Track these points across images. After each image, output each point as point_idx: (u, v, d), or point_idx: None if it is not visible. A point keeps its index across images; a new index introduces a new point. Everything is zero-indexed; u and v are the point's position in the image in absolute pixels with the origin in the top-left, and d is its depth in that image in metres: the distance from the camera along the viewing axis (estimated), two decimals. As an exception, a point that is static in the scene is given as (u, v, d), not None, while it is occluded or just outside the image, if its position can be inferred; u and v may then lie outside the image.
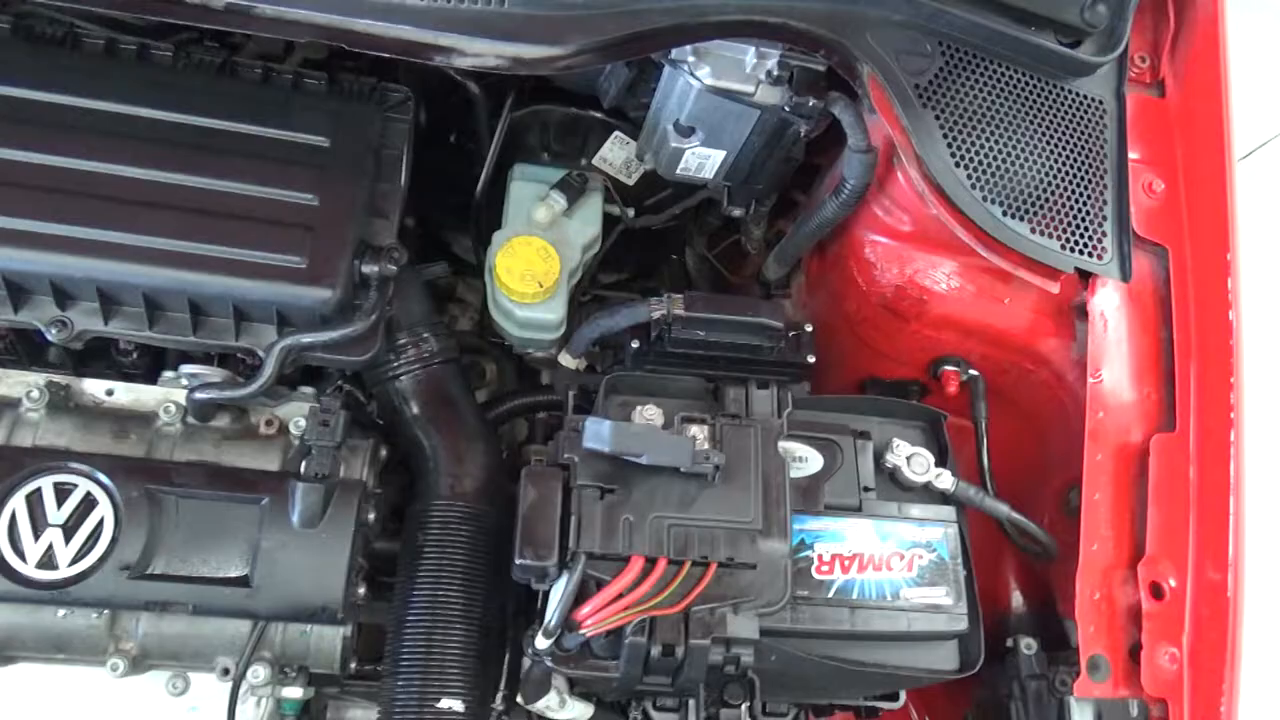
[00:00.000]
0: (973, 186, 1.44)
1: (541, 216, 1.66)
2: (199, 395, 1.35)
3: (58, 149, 1.30)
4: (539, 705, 1.46)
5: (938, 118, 1.44)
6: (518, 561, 1.25)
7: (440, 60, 1.31)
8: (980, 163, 1.44)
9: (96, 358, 1.51)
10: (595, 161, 1.80)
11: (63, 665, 1.36)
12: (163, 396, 1.45)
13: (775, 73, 1.45)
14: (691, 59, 1.45)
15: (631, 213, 1.81)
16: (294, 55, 1.60)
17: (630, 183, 1.84)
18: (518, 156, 1.77)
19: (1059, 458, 1.64)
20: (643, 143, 1.71)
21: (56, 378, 1.43)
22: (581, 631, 1.26)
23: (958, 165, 1.44)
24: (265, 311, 1.35)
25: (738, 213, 1.80)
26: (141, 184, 1.32)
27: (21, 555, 1.26)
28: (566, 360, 1.64)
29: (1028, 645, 1.51)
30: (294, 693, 1.43)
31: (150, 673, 1.40)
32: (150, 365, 1.51)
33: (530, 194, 1.71)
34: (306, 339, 1.34)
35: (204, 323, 1.36)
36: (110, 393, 1.46)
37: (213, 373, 1.40)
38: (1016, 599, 1.76)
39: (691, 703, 1.53)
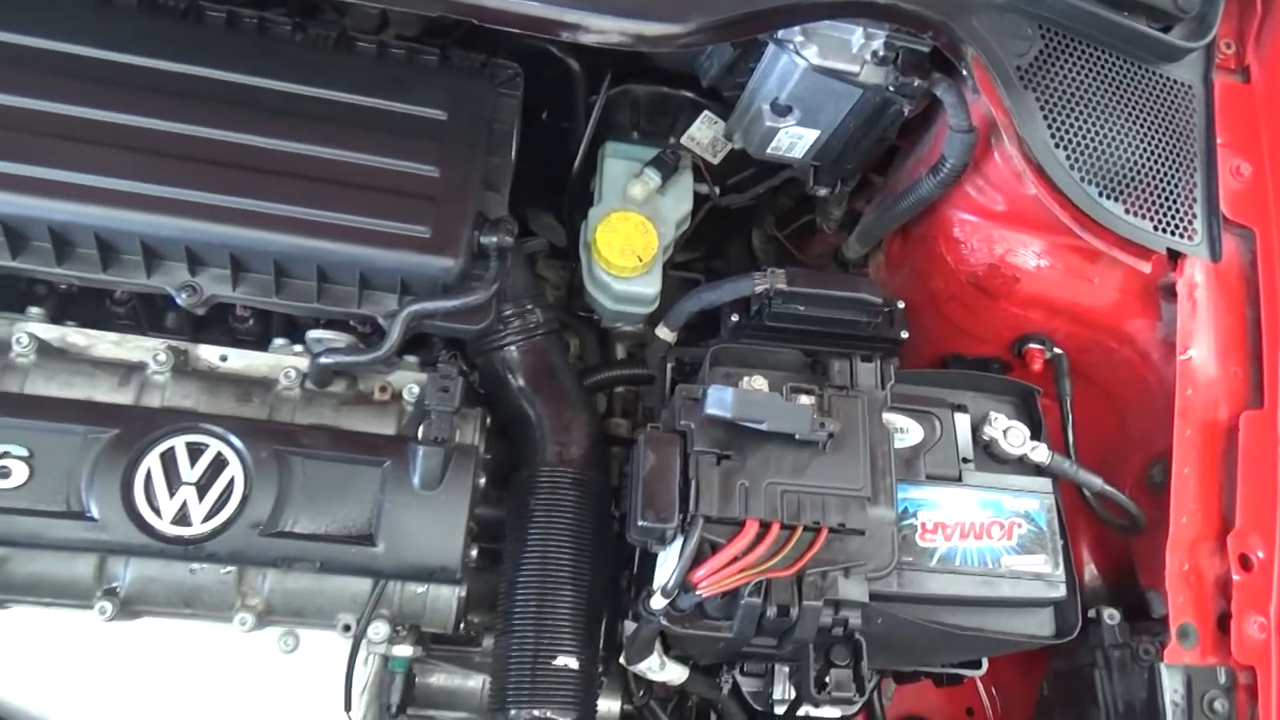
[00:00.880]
0: (1071, 167, 1.47)
1: (637, 193, 1.70)
2: (324, 360, 1.39)
3: (196, 119, 1.34)
4: (641, 666, 1.51)
5: (1038, 99, 1.47)
6: (640, 523, 1.29)
7: (566, 36, 1.34)
8: (1078, 143, 1.48)
9: (210, 325, 1.55)
10: (683, 140, 1.84)
11: (188, 620, 1.40)
12: (274, 363, 1.49)
13: (881, 53, 1.48)
14: (799, 39, 1.48)
15: (718, 191, 1.84)
16: (387, 29, 1.63)
17: (714, 162, 1.87)
18: (607, 134, 1.80)
19: (1140, 435, 1.69)
20: (733, 122, 1.75)
21: (175, 343, 1.47)
22: (698, 592, 1.30)
23: (1057, 146, 1.47)
24: (389, 279, 1.39)
25: (823, 192, 1.84)
26: (273, 153, 1.35)
27: (157, 511, 1.31)
28: (664, 333, 1.68)
29: (1110, 615, 1.56)
30: (404, 650, 1.47)
31: (265, 630, 1.45)
32: (262, 332, 1.55)
33: (623, 171, 1.75)
34: (430, 306, 1.37)
35: (327, 290, 1.40)
36: (224, 358, 1.50)
37: (340, 338, 1.44)
38: (1091, 571, 1.81)
39: (777, 668, 1.60)
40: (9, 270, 1.34)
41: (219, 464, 1.33)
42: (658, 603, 1.33)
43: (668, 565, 1.37)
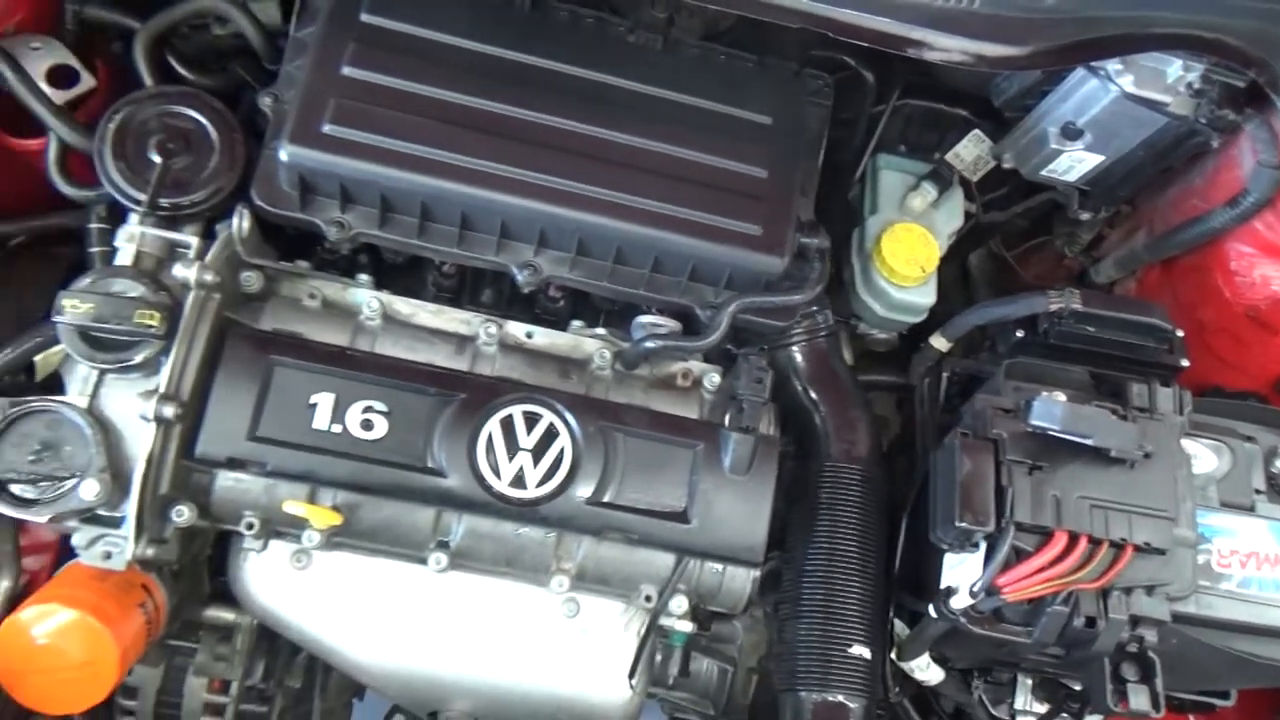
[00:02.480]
0: (1377, 207, 1.48)
1: (916, 205, 1.75)
2: (649, 344, 1.47)
3: (558, 111, 1.43)
4: (911, 663, 1.56)
5: (1353, 138, 1.48)
6: (958, 524, 1.34)
7: (911, 52, 1.39)
8: (1388, 185, 1.49)
9: (516, 302, 1.64)
10: (948, 156, 1.88)
11: (500, 578, 1.49)
12: (573, 342, 1.58)
13: (1197, 85, 1.51)
14: (1115, 66, 1.52)
15: (982, 208, 1.88)
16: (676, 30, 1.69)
17: (973, 179, 1.91)
18: (877, 146, 1.85)
19: None
20: (1008, 142, 1.78)
21: (490, 318, 1.56)
22: (1002, 596, 1.35)
23: (1367, 186, 1.48)
24: (715, 272, 1.47)
25: (1085, 216, 1.86)
26: (623, 146, 1.44)
27: (497, 473, 1.40)
28: (939, 342, 1.72)
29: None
30: (685, 626, 1.55)
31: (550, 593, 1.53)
32: (566, 313, 1.63)
33: (897, 182, 1.80)
34: (758, 301, 1.45)
35: (654, 278, 1.48)
36: (530, 335, 1.59)
37: (668, 324, 1.51)
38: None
39: (1020, 678, 1.64)
40: (373, 239, 1.45)
41: (551, 434, 1.42)
42: (960, 602, 1.38)
43: (963, 568, 1.43)
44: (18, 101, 1.48)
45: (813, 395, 1.62)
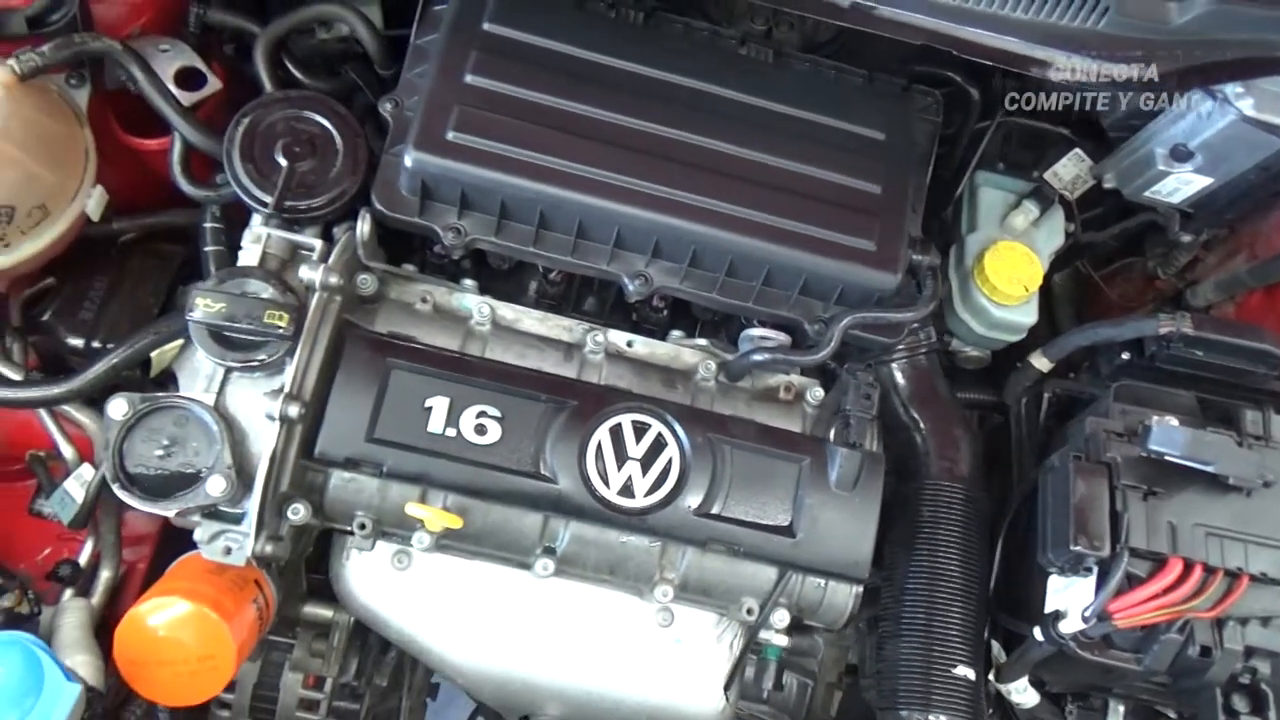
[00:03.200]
0: None
1: (1019, 223, 1.74)
2: (757, 357, 1.47)
3: (677, 123, 1.44)
4: (1008, 685, 1.55)
5: None
6: (1072, 548, 1.33)
7: (1035, 72, 1.39)
8: None
9: (615, 311, 1.65)
10: (1046, 175, 1.87)
11: (605, 587, 1.50)
12: (673, 352, 1.59)
13: (1318, 110, 1.49)
14: (1237, 89, 1.50)
15: (1081, 228, 1.87)
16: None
17: (1070, 199, 1.89)
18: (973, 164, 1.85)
19: None
20: (1111, 162, 1.77)
21: (592, 326, 1.57)
22: (1114, 623, 1.34)
23: None
24: (827, 288, 1.47)
25: (1187, 238, 1.84)
26: (739, 159, 1.45)
27: (606, 481, 1.40)
28: (1040, 363, 1.71)
29: None
30: (780, 640, 1.55)
31: (646, 603, 1.53)
32: (665, 323, 1.64)
33: (997, 200, 1.79)
34: (870, 316, 1.44)
35: (765, 292, 1.49)
36: (630, 344, 1.59)
37: (777, 337, 1.52)
38: None
39: (1112, 703, 1.62)
40: (488, 246, 1.46)
41: (659, 444, 1.43)
42: (1069, 627, 1.37)
43: (1070, 591, 1.41)
44: (137, 101, 1.52)
45: (912, 413, 1.61)
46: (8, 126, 1.30)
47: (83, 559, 1.57)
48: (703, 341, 1.59)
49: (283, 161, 1.40)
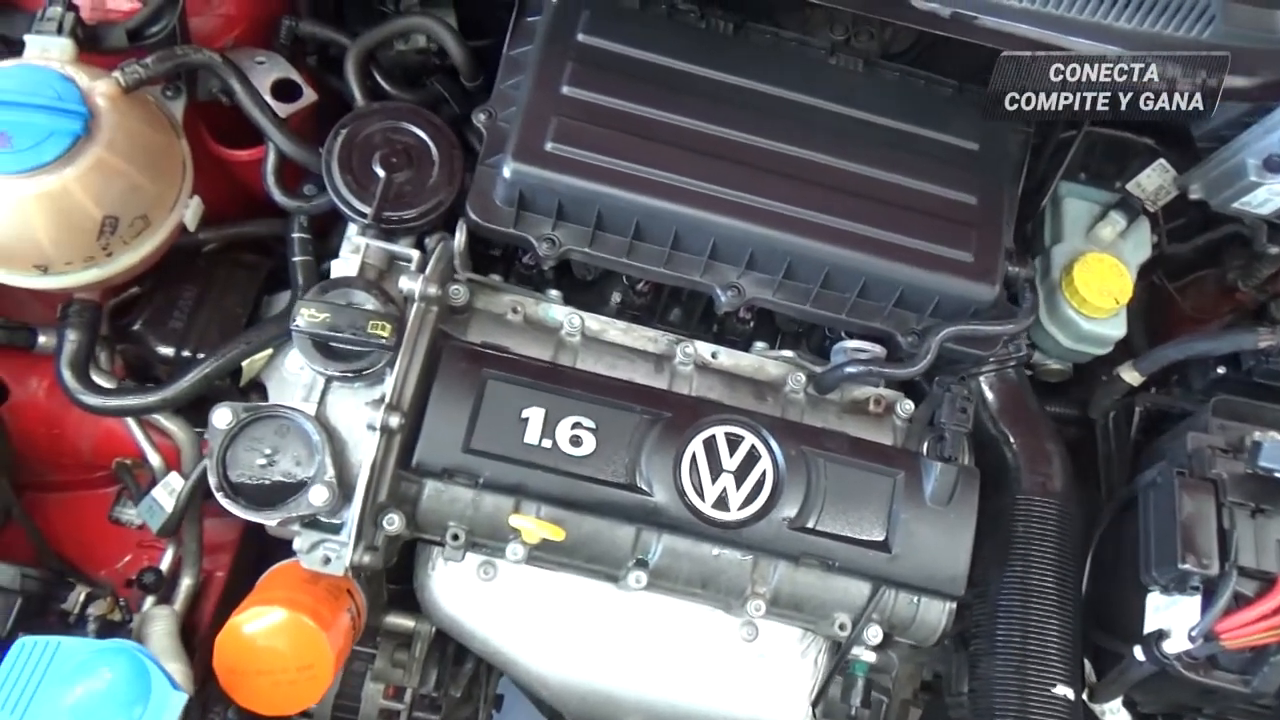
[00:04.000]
0: None
1: (1106, 235, 1.72)
2: (851, 369, 1.46)
3: (774, 134, 1.43)
4: (1103, 705, 1.52)
5: None
6: (1180, 566, 1.31)
7: (1138, 82, 1.37)
8: None
9: (702, 323, 1.65)
10: (1129, 186, 1.84)
11: (694, 600, 1.49)
12: (757, 364, 1.58)
13: None
14: (1338, 100, 1.48)
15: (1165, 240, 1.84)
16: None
17: (1153, 210, 1.87)
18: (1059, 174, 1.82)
19: None
20: (1198, 172, 1.74)
21: (678, 337, 1.56)
22: (1221, 643, 1.31)
23: None
24: (923, 300, 1.45)
25: (1275, 250, 1.81)
26: (835, 170, 1.44)
27: (700, 494, 1.39)
28: (1131, 376, 1.68)
29: None
30: (869, 656, 1.53)
31: (726, 617, 1.52)
32: (750, 334, 1.63)
33: (1082, 211, 1.77)
34: (968, 330, 1.43)
35: (859, 304, 1.47)
36: (715, 355, 1.58)
37: (871, 349, 1.50)
38: None
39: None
40: (582, 256, 1.46)
41: (753, 456, 1.41)
42: (1174, 646, 1.35)
43: (1172, 610, 1.39)
44: (226, 112, 1.53)
45: (1002, 427, 1.59)
46: (113, 138, 1.31)
47: (164, 566, 1.58)
48: (789, 353, 1.58)
49: (380, 172, 1.41)
